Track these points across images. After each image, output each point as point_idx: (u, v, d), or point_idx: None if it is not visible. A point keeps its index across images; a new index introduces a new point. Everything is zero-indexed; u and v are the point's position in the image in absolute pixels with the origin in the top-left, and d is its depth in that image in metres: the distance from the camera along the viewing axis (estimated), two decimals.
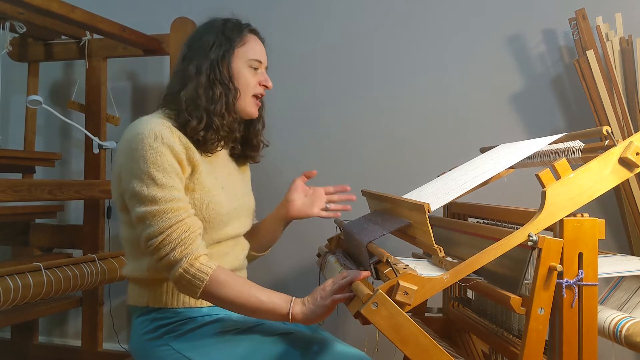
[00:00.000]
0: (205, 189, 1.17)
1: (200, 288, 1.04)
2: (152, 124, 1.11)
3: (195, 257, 1.06)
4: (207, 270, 1.05)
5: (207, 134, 1.16)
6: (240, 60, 1.22)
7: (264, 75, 1.26)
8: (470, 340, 1.41)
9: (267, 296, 1.05)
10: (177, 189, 1.09)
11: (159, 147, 1.09)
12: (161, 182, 1.07)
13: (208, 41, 1.20)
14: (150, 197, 1.06)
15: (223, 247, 1.23)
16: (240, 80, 1.22)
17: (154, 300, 1.18)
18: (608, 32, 1.77)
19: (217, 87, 1.18)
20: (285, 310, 1.03)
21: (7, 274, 1.50)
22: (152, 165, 1.07)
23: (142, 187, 1.07)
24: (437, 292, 0.90)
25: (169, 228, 1.06)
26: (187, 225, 1.07)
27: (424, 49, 2.09)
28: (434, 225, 1.11)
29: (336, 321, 2.04)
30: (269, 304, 1.04)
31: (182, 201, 1.10)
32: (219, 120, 1.18)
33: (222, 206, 1.19)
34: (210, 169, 1.21)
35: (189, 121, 1.15)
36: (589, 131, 1.09)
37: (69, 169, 2.50)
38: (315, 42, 2.20)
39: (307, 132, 2.18)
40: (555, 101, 1.97)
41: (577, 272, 0.90)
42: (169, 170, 1.09)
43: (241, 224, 1.29)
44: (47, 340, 2.48)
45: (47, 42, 2.30)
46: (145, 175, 1.07)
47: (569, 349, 0.90)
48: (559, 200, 0.91)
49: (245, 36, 1.23)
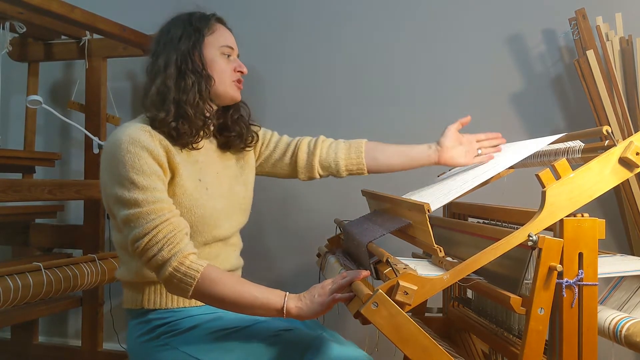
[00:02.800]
0: (187, 192, 1.16)
1: (191, 286, 1.03)
2: (130, 130, 1.11)
3: (185, 256, 1.04)
4: (198, 268, 1.03)
5: (178, 125, 1.14)
6: (211, 47, 1.21)
7: (236, 61, 1.25)
8: (470, 340, 1.41)
9: (261, 292, 1.04)
10: (159, 190, 1.08)
11: (137, 150, 1.08)
12: (141, 184, 1.06)
13: (176, 34, 1.19)
14: (132, 200, 1.06)
15: (213, 249, 1.22)
16: (214, 68, 1.20)
17: (148, 301, 1.18)
18: (608, 32, 1.77)
19: (188, 77, 1.16)
20: (279, 304, 1.02)
21: (7, 274, 1.50)
22: (131, 169, 1.07)
23: (124, 192, 1.06)
24: (437, 292, 0.90)
25: (154, 229, 1.04)
26: (173, 225, 1.06)
27: (424, 48, 2.09)
28: (434, 225, 1.11)
29: (337, 321, 2.04)
30: (262, 299, 1.03)
31: (166, 202, 1.09)
32: (192, 109, 1.16)
33: (205, 209, 1.18)
34: (192, 171, 1.19)
35: (157, 115, 1.14)
36: (589, 131, 1.09)
37: (69, 169, 2.50)
38: (314, 40, 2.20)
39: (307, 132, 2.18)
40: (555, 101, 1.97)
41: (577, 272, 0.89)
42: (149, 173, 1.08)
43: (233, 222, 1.26)
44: (47, 340, 2.48)
45: (47, 42, 2.30)
46: (125, 180, 1.07)
47: (569, 349, 0.90)
48: (559, 200, 0.91)
49: (213, 24, 1.23)
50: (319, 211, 2.12)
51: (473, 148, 1.33)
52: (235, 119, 1.30)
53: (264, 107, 2.13)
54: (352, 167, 1.38)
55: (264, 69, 2.17)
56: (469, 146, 1.33)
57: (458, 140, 1.34)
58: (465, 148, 1.33)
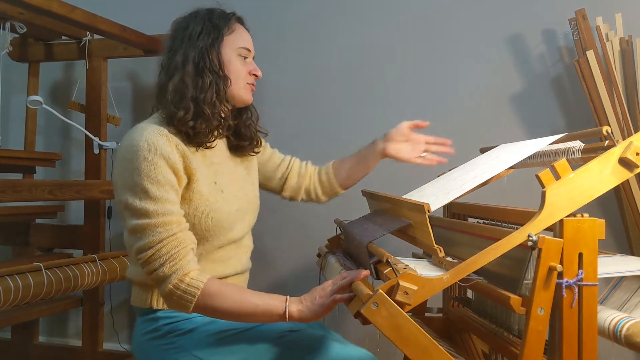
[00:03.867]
0: (204, 197, 1.15)
1: (192, 303, 1.03)
2: (147, 134, 1.09)
3: (185, 273, 1.03)
4: (198, 285, 1.03)
5: (196, 124, 1.13)
6: (229, 48, 1.19)
7: (252, 64, 1.24)
8: (470, 340, 1.41)
9: (261, 299, 1.04)
10: (170, 202, 1.07)
11: (154, 159, 1.06)
12: (154, 195, 1.05)
13: (195, 30, 1.17)
14: (143, 210, 1.05)
15: (226, 252, 1.22)
16: (231, 69, 1.19)
17: (156, 301, 1.18)
18: (608, 32, 1.77)
19: (206, 75, 1.15)
20: (281, 309, 1.02)
21: (7, 274, 1.50)
22: (146, 177, 1.05)
23: (135, 200, 1.05)
24: (437, 292, 0.90)
25: (159, 242, 1.04)
26: (179, 240, 1.05)
27: (424, 49, 2.09)
28: (434, 225, 1.11)
29: (337, 321, 2.04)
30: (264, 306, 1.03)
31: (175, 215, 1.07)
32: (210, 108, 1.14)
33: (222, 212, 1.17)
34: (208, 173, 1.18)
35: (176, 113, 1.12)
36: (589, 131, 1.09)
37: (69, 169, 2.50)
38: (314, 41, 2.20)
39: (306, 131, 2.19)
40: (555, 101, 1.97)
41: (577, 272, 0.89)
42: (163, 183, 1.06)
43: (245, 224, 1.27)
44: (47, 340, 2.48)
45: (48, 43, 2.30)
46: (138, 188, 1.05)
47: (569, 349, 0.90)
48: (558, 201, 0.91)
49: (233, 24, 1.21)
50: (319, 211, 2.12)
51: (419, 148, 1.40)
52: (248, 124, 1.30)
53: (261, 107, 2.14)
54: (328, 191, 1.46)
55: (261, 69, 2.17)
56: (415, 145, 1.39)
57: (406, 136, 1.40)
58: (411, 146, 1.39)
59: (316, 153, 2.31)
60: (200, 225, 1.14)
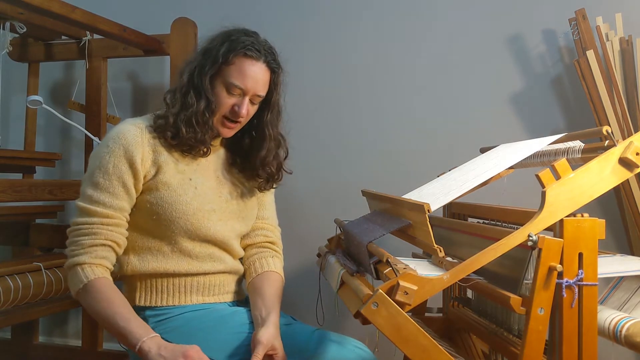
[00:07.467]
0: (171, 188, 1.18)
1: (74, 291, 1.11)
2: (124, 125, 1.18)
3: (79, 263, 1.10)
4: (82, 280, 1.09)
5: (180, 132, 1.17)
6: (221, 78, 1.19)
7: (241, 101, 1.19)
8: (470, 340, 1.41)
9: (127, 323, 1.07)
10: (109, 194, 1.13)
11: (114, 147, 1.14)
12: (96, 181, 1.13)
13: (209, 47, 1.21)
14: (82, 192, 1.15)
15: (205, 249, 1.23)
16: (214, 98, 1.19)
17: (139, 299, 1.21)
18: (608, 32, 1.77)
19: (192, 94, 1.18)
20: (134, 342, 1.04)
21: (7, 274, 1.50)
22: (99, 164, 1.14)
23: (85, 181, 1.16)
24: (437, 292, 0.90)
25: (82, 224, 1.12)
26: (94, 231, 1.12)
27: (424, 49, 2.09)
28: (434, 225, 1.11)
29: (337, 321, 2.04)
30: (123, 331, 1.06)
31: (108, 207, 1.13)
32: (185, 128, 1.16)
33: (189, 206, 1.18)
34: (182, 169, 1.20)
35: (163, 114, 1.19)
36: (589, 131, 1.09)
37: (69, 169, 2.50)
38: (314, 43, 2.19)
39: (307, 132, 2.18)
40: (555, 101, 1.97)
41: (577, 272, 0.90)
42: (111, 173, 1.13)
43: (226, 227, 1.25)
44: (47, 340, 2.48)
45: (47, 42, 2.30)
46: (90, 171, 1.15)
47: (569, 349, 0.90)
48: (559, 200, 0.91)
49: (238, 58, 1.17)
50: (319, 211, 2.12)
51: None
52: (259, 156, 1.28)
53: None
54: None
55: None
56: None
57: None
58: None
59: (315, 155, 2.31)
60: (165, 216, 1.17)
